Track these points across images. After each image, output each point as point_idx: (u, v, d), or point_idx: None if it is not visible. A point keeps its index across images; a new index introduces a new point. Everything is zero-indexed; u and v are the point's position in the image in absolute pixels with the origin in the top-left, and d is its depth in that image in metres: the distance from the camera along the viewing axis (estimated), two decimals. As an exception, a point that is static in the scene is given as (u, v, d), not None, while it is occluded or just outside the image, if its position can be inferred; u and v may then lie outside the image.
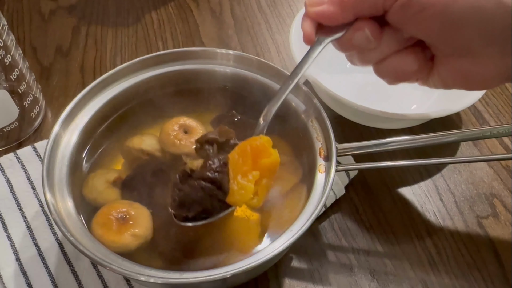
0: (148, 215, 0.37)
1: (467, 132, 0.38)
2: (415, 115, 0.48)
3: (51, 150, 0.37)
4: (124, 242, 0.35)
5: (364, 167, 0.44)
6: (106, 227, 0.35)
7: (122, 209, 0.36)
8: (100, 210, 0.37)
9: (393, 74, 0.36)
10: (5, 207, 0.43)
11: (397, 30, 0.33)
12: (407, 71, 0.35)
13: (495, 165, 0.49)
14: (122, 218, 0.36)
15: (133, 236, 0.35)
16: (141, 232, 0.36)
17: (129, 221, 0.36)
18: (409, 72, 0.35)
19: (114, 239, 0.35)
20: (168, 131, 0.41)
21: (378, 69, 0.36)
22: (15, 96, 0.48)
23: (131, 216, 0.36)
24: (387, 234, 0.44)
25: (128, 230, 0.35)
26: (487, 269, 0.41)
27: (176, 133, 0.41)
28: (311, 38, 0.35)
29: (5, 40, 0.45)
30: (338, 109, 0.51)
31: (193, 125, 0.42)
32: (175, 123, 0.42)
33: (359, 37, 0.34)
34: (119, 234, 0.35)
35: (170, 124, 0.42)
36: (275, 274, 0.41)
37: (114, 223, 0.35)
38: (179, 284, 0.33)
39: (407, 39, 0.34)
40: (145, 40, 0.63)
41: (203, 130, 0.42)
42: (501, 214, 0.45)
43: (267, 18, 0.67)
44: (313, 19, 0.35)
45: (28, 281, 0.39)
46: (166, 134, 0.41)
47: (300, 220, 0.34)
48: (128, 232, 0.35)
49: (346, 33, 0.34)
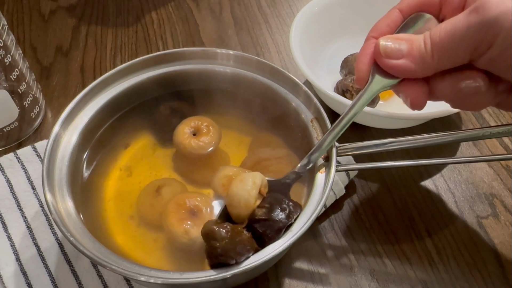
0: None
1: (467, 132, 0.38)
2: (415, 115, 0.48)
3: (51, 150, 0.37)
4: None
5: (364, 167, 0.44)
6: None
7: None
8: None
9: (464, 108, 0.34)
10: (5, 207, 0.43)
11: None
12: (479, 107, 0.33)
13: (495, 165, 0.49)
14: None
15: None
16: None
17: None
18: (483, 106, 0.33)
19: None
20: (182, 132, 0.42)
21: (445, 101, 0.33)
22: (15, 96, 0.48)
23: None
24: (387, 234, 0.44)
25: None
26: (487, 269, 0.41)
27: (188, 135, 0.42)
28: (366, 78, 0.33)
29: (5, 40, 0.45)
30: (338, 109, 0.51)
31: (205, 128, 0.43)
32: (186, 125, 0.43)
33: (401, 98, 0.32)
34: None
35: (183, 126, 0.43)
36: (275, 274, 0.41)
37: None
38: (179, 284, 0.32)
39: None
40: (145, 40, 0.63)
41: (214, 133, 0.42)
42: (501, 214, 0.45)
43: (267, 18, 0.67)
44: (386, 70, 0.32)
45: (28, 281, 0.39)
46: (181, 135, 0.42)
47: (300, 220, 0.34)
48: None
49: (396, 87, 0.32)
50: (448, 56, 0.30)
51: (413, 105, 0.32)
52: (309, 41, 0.53)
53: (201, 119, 0.43)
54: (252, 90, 0.44)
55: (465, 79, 0.30)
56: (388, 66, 0.32)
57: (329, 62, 0.55)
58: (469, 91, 0.30)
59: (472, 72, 0.30)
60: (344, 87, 0.49)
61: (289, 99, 0.42)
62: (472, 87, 0.30)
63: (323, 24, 0.56)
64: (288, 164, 0.41)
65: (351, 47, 0.55)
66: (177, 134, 0.42)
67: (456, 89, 0.31)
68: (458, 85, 0.30)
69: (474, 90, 0.30)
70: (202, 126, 0.42)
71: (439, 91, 0.32)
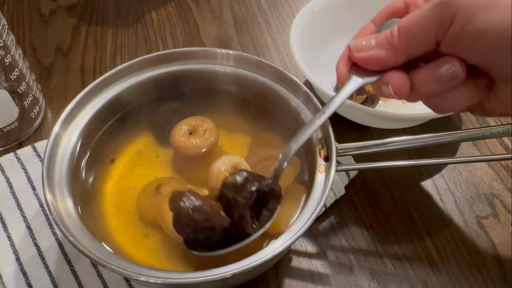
0: None
1: (467, 132, 0.38)
2: (415, 115, 0.48)
3: (51, 150, 0.37)
4: None
5: (364, 167, 0.44)
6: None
7: None
8: None
9: (445, 108, 0.34)
10: (5, 207, 0.43)
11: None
12: (460, 105, 0.33)
13: (495, 165, 0.49)
14: None
15: None
16: None
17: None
18: (463, 104, 0.33)
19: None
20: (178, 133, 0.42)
21: (427, 103, 0.34)
22: (15, 96, 0.48)
23: None
24: (387, 234, 0.44)
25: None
26: (487, 269, 0.41)
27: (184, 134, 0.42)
28: (344, 79, 0.34)
29: (5, 40, 0.45)
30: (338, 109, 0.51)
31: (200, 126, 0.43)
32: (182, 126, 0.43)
33: (386, 91, 0.33)
34: None
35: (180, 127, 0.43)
36: (275, 274, 0.41)
37: None
38: (179, 284, 0.33)
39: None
40: (145, 40, 0.63)
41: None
42: (501, 214, 0.45)
43: (267, 18, 0.67)
44: (361, 64, 0.33)
45: (28, 281, 0.39)
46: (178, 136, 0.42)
47: (300, 220, 0.34)
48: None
49: (377, 82, 0.33)
50: (415, 38, 0.31)
51: (396, 90, 0.32)
52: (309, 41, 0.53)
53: (198, 119, 0.43)
54: (252, 90, 0.44)
55: (442, 64, 0.31)
56: (361, 59, 0.33)
57: (329, 62, 0.55)
58: (447, 77, 0.31)
59: (447, 58, 0.31)
60: None
61: (289, 99, 0.42)
62: (450, 72, 0.31)
63: (323, 24, 0.56)
64: (288, 164, 0.41)
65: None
66: (173, 134, 0.42)
67: (435, 77, 0.31)
68: (436, 72, 0.31)
69: (452, 75, 0.31)
70: (199, 126, 0.42)
71: (419, 82, 0.32)
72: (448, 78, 0.31)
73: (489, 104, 0.33)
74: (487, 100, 0.32)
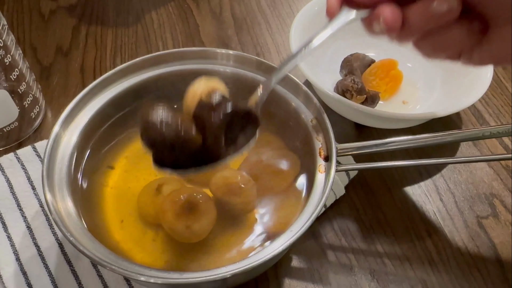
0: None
1: (467, 132, 0.38)
2: (415, 115, 0.48)
3: (51, 150, 0.37)
4: None
5: (364, 167, 0.44)
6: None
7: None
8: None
9: (436, 49, 0.33)
10: (5, 207, 0.43)
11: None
12: (451, 47, 0.32)
13: (495, 165, 0.49)
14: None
15: None
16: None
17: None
18: (454, 47, 0.32)
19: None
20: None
21: (417, 44, 0.33)
22: (15, 96, 0.48)
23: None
24: (387, 234, 0.44)
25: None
26: (487, 269, 0.41)
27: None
28: (336, 11, 0.33)
29: (5, 40, 0.45)
30: (338, 109, 0.51)
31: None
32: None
33: (377, 28, 0.32)
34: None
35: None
36: (275, 274, 0.41)
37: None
38: (179, 284, 0.33)
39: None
40: (145, 40, 0.63)
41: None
42: (501, 214, 0.45)
43: (267, 18, 0.67)
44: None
45: (28, 281, 0.39)
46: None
47: (300, 220, 0.34)
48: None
49: (369, 17, 0.32)
50: None
51: (388, 22, 0.31)
52: (309, 41, 0.53)
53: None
54: (252, 90, 0.44)
55: (372, 19, 0.31)
56: None
57: (329, 62, 0.55)
58: (441, 10, 0.30)
59: (380, 8, 0.30)
60: (344, 87, 0.49)
61: (289, 99, 0.42)
62: (445, 6, 0.30)
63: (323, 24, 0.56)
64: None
65: (351, 47, 0.55)
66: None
67: (429, 11, 0.30)
68: (429, 7, 0.30)
69: (446, 9, 0.30)
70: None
71: (412, 16, 0.31)
72: (442, 12, 0.30)
73: (481, 51, 0.32)
74: (479, 46, 0.32)
